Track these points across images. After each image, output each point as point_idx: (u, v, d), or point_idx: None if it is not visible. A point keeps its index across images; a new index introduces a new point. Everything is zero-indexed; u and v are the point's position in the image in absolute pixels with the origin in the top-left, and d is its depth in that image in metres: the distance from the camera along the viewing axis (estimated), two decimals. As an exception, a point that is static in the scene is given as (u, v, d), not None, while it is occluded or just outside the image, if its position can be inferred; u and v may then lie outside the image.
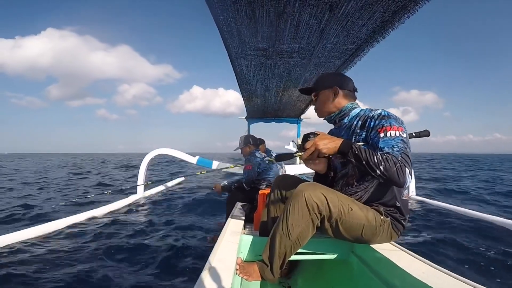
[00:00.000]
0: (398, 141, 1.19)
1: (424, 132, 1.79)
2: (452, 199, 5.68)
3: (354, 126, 1.38)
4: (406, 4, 1.96)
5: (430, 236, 3.16)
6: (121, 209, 4.35)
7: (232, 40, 2.53)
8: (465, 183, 8.84)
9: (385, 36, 2.40)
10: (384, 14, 2.11)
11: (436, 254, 2.64)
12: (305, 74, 3.51)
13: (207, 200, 5.25)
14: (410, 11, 2.03)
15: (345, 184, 1.40)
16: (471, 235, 3.13)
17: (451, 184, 8.56)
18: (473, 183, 8.96)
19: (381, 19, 2.18)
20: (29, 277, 2.08)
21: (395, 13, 2.08)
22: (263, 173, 3.10)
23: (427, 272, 1.04)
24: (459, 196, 6.21)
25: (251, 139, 3.29)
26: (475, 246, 2.81)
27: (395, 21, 2.17)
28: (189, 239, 3.01)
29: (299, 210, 1.21)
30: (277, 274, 1.31)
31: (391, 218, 1.31)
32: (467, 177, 11.15)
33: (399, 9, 2.03)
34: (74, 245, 2.73)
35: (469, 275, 2.18)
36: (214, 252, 1.26)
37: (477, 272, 2.31)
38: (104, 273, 2.17)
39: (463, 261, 2.51)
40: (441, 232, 3.27)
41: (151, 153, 5.80)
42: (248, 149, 3.27)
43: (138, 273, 2.22)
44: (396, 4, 1.98)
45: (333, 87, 1.45)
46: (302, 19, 2.18)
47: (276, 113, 6.43)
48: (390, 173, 1.11)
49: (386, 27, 2.27)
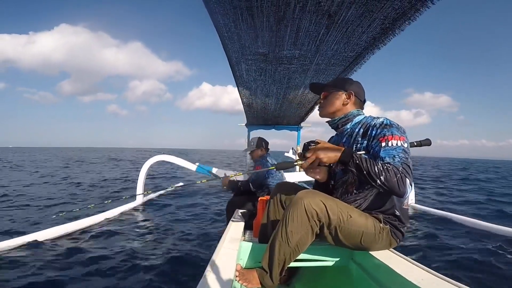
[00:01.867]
0: (399, 151, 1.19)
1: (426, 141, 1.79)
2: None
3: (355, 133, 1.38)
4: (406, 11, 1.97)
5: (429, 243, 3.16)
6: (119, 216, 4.33)
7: (232, 45, 2.54)
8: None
9: (386, 42, 2.41)
10: (384, 21, 2.12)
11: (435, 261, 2.63)
12: (306, 81, 3.52)
13: (207, 207, 5.25)
14: (410, 18, 2.04)
15: (345, 191, 1.40)
16: (470, 243, 3.13)
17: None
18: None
19: (381, 26, 2.19)
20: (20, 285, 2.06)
21: (396, 20, 2.09)
22: (271, 178, 3.03)
23: (426, 279, 1.03)
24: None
25: (264, 143, 3.25)
26: (474, 254, 2.81)
27: (396, 28, 2.18)
28: (188, 245, 3.00)
29: (298, 217, 1.21)
30: (276, 280, 1.30)
31: (390, 225, 1.31)
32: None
33: (399, 16, 2.04)
34: (70, 253, 2.72)
35: (468, 282, 2.17)
36: (214, 259, 1.26)
37: (476, 279, 2.30)
38: (100, 281, 2.16)
39: (462, 269, 2.51)
40: (440, 240, 3.27)
41: (151, 160, 5.73)
42: (260, 152, 3.21)
43: (136, 280, 2.21)
44: (396, 11, 1.99)
45: (348, 91, 1.46)
46: (302, 25, 2.19)
47: (276, 120, 6.42)
48: (391, 184, 1.12)
49: (387, 34, 2.27)
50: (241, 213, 2.38)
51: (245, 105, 4.97)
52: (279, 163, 1.65)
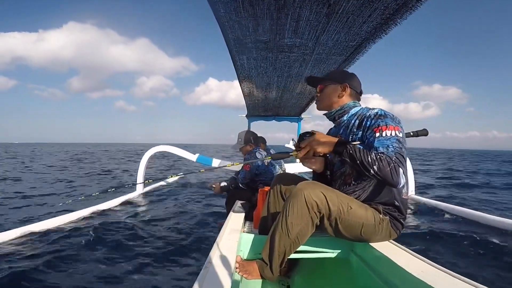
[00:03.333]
0: (393, 141, 1.19)
1: (423, 131, 1.79)
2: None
3: (351, 125, 1.38)
4: (407, 1, 1.94)
5: (430, 235, 3.17)
6: (118, 207, 4.35)
7: (233, 33, 2.52)
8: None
9: (387, 32, 2.38)
10: (385, 11, 2.10)
11: (435, 253, 2.64)
12: (306, 70, 3.49)
13: (206, 197, 5.26)
14: (411, 8, 2.02)
15: (343, 183, 1.40)
16: (470, 234, 3.14)
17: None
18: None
19: (381, 16, 2.16)
20: (17, 277, 2.06)
21: (396, 10, 2.06)
22: (261, 175, 2.85)
23: (426, 271, 1.03)
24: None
25: (252, 138, 3.06)
26: (474, 245, 2.82)
27: (397, 18, 2.15)
28: (188, 237, 3.01)
29: (299, 208, 1.21)
30: (276, 272, 1.31)
31: (390, 216, 1.31)
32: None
33: (400, 6, 2.01)
34: (70, 243, 2.73)
35: (468, 273, 2.18)
36: (214, 250, 1.26)
37: (476, 270, 2.32)
38: (100, 271, 2.18)
39: (462, 260, 2.52)
40: (440, 231, 3.28)
41: (151, 150, 5.74)
42: (249, 147, 3.04)
43: (136, 271, 2.22)
44: (397, 1, 1.96)
45: (343, 83, 1.45)
46: (303, 14, 2.17)
47: (276, 111, 6.40)
48: (384, 173, 1.12)
49: (388, 24, 2.25)
50: (241, 204, 2.38)
51: (245, 95, 4.95)
52: (274, 153, 1.65)
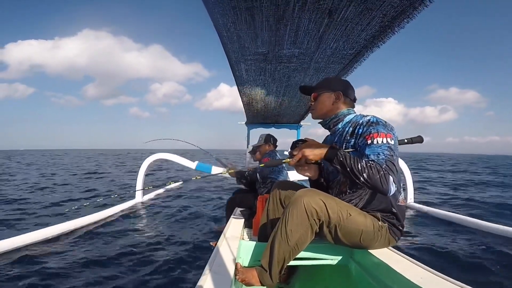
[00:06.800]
0: (384, 149, 1.19)
1: (417, 138, 1.78)
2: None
3: (345, 132, 1.40)
4: (405, 9, 1.97)
5: (428, 242, 3.17)
6: (118, 215, 4.32)
7: (232, 45, 2.53)
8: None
9: (385, 41, 2.41)
10: (383, 19, 2.13)
11: (434, 260, 2.63)
12: (305, 79, 3.52)
13: (206, 204, 5.25)
14: (409, 16, 2.05)
15: (339, 192, 1.40)
16: (468, 242, 3.13)
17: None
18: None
19: (380, 24, 2.20)
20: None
21: (395, 18, 2.09)
22: (274, 173, 3.05)
23: (425, 277, 1.04)
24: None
25: (272, 139, 3.33)
26: (472, 252, 2.81)
27: (395, 26, 2.18)
28: (188, 244, 3.00)
29: (298, 215, 1.21)
30: (276, 279, 1.30)
31: (388, 223, 1.31)
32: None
33: (398, 14, 2.04)
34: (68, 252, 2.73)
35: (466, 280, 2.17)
36: (213, 257, 1.26)
37: (474, 277, 2.31)
38: (99, 280, 2.16)
39: (460, 267, 2.51)
40: (438, 238, 3.28)
41: (150, 158, 5.69)
42: (268, 147, 3.28)
43: (135, 278, 2.21)
44: (395, 9, 1.99)
45: (336, 91, 1.46)
46: (302, 24, 2.19)
47: (276, 119, 6.41)
48: (373, 181, 1.13)
49: (386, 32, 2.28)
50: (241, 211, 2.39)
51: (245, 104, 4.97)
52: (268, 161, 1.66)
